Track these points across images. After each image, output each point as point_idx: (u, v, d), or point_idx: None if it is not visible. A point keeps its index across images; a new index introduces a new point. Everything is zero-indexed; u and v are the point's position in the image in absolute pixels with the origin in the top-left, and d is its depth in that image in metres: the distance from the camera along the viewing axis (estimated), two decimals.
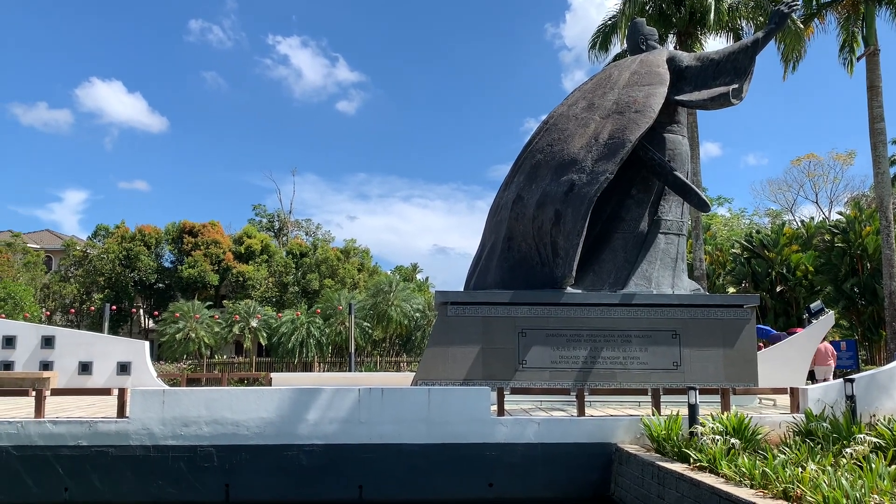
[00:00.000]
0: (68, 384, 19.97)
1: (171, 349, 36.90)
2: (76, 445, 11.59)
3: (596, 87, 16.95)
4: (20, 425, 11.63)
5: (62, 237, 53.36)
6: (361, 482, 11.84)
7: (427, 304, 40.53)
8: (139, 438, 11.68)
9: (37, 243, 49.14)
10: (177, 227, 47.50)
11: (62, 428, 11.67)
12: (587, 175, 15.05)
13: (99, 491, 11.54)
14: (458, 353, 15.01)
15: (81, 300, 43.48)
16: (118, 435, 11.67)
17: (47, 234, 55.45)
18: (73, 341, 21.13)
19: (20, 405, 14.32)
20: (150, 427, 11.73)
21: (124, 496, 11.53)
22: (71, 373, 20.60)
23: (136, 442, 11.67)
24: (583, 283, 15.69)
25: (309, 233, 61.25)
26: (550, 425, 12.15)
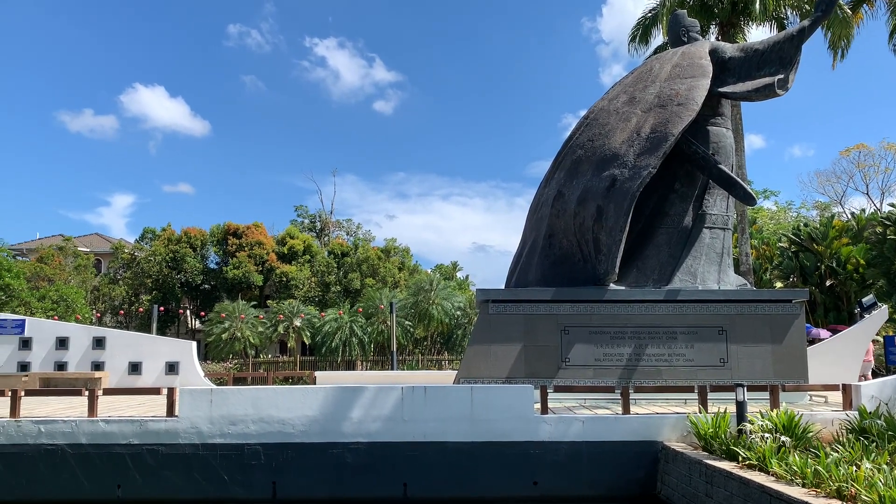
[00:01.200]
0: (119, 384, 20.49)
1: (217, 349, 37.54)
2: (127, 444, 11.87)
3: (637, 81, 16.73)
4: (74, 424, 11.95)
5: (111, 240, 54.67)
6: (406, 480, 11.89)
7: (468, 302, 40.52)
8: (188, 437, 11.90)
9: (87, 247, 50.43)
10: (221, 229, 48.30)
11: (114, 427, 11.96)
12: (629, 170, 14.88)
13: (150, 489, 11.80)
14: (500, 351, 14.98)
15: (130, 302, 44.49)
16: (168, 433, 11.91)
17: (96, 237, 56.88)
18: (123, 342, 21.66)
19: (73, 405, 14.70)
20: (198, 426, 11.95)
21: (174, 494, 11.77)
22: (121, 373, 21.12)
23: (185, 440, 11.90)
24: (626, 279, 15.52)
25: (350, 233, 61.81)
26: (595, 423, 12.05)
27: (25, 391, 12.96)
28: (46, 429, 11.92)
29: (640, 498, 11.69)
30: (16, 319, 22.02)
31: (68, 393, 15.16)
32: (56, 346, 21.43)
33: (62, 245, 45.80)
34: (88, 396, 12.41)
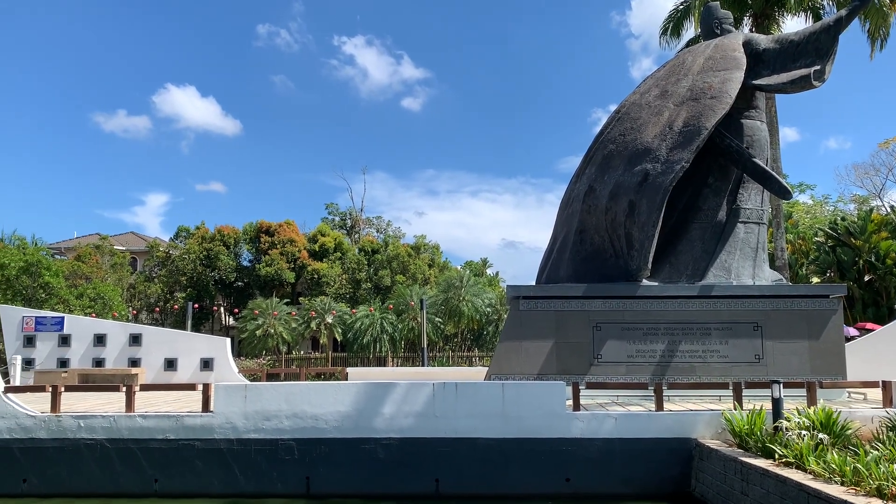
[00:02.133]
0: (155, 380, 20.83)
1: (250, 345, 37.95)
2: (164, 439, 12.07)
3: (669, 74, 16.55)
4: (113, 419, 12.18)
5: (146, 239, 55.55)
6: (438, 476, 11.93)
7: (498, 298, 40.47)
8: (223, 432, 12.07)
9: (122, 245, 51.29)
10: (254, 227, 48.78)
11: (151, 422, 12.16)
12: (662, 164, 14.73)
13: (186, 483, 11.99)
14: (532, 347, 14.94)
15: (165, 299, 45.15)
16: (203, 429, 12.09)
17: (132, 236, 57.82)
18: (159, 339, 22.02)
19: (111, 400, 14.97)
20: (233, 421, 12.10)
21: (210, 488, 11.94)
22: (157, 369, 21.48)
23: (221, 435, 12.06)
24: (659, 275, 15.38)
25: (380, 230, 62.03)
26: (628, 420, 11.97)
27: (65, 387, 13.23)
28: (86, 424, 12.17)
29: (675, 495, 11.58)
30: (55, 317, 22.51)
31: (106, 389, 15.43)
32: (94, 343, 21.85)
33: (99, 244, 46.65)
34: (126, 392, 12.63)
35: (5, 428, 12.20)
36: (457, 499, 11.80)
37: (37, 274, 34.72)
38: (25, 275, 34.73)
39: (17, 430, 12.20)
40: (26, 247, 38.51)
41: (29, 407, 12.52)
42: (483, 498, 11.79)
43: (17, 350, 21.72)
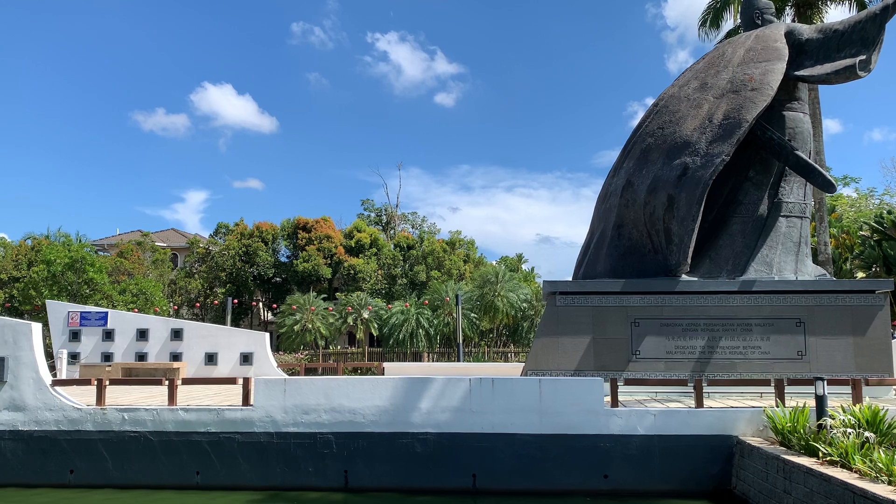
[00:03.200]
0: (196, 374, 21.16)
1: (289, 340, 38.42)
2: (206, 432, 12.27)
3: (708, 67, 16.28)
4: (156, 412, 12.42)
5: (186, 235, 56.51)
6: (475, 471, 11.94)
7: (534, 294, 40.31)
8: (263, 425, 12.23)
9: (163, 242, 52.26)
10: (291, 224, 49.32)
11: (193, 415, 12.37)
12: (701, 158, 14.52)
13: (227, 476, 12.17)
14: (568, 343, 14.85)
15: (205, 294, 45.90)
16: (244, 422, 12.26)
17: (173, 232, 58.85)
18: (200, 333, 22.36)
19: (154, 394, 15.27)
20: (272, 414, 12.25)
21: (250, 481, 12.11)
22: (198, 363, 21.82)
23: (260, 429, 12.22)
24: (699, 270, 15.17)
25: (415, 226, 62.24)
26: (667, 417, 11.84)
27: (109, 381, 13.52)
28: (130, 416, 12.43)
29: (715, 493, 11.43)
30: (99, 312, 23.00)
31: (149, 382, 15.73)
32: (137, 338, 22.29)
33: (140, 240, 47.61)
34: (168, 386, 12.86)
35: (53, 420, 12.52)
36: (494, 494, 11.79)
37: (81, 270, 35.56)
38: (70, 271, 35.60)
39: (64, 423, 12.51)
40: (71, 244, 39.47)
41: (75, 400, 12.83)
42: (520, 493, 11.76)
43: (63, 344, 22.25)
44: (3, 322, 12.95)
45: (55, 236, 43.48)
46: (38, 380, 12.67)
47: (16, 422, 12.53)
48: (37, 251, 40.71)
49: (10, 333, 12.75)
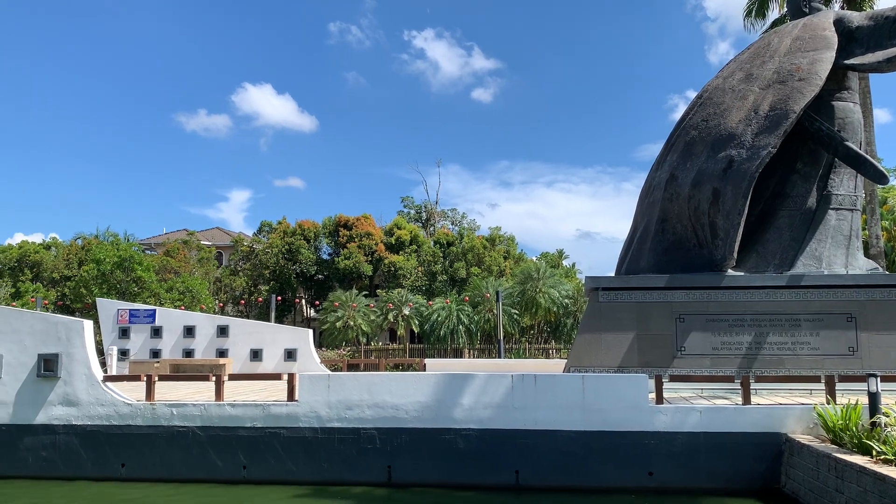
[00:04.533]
0: (241, 370, 21.52)
1: (331, 336, 38.78)
2: (252, 427, 12.47)
3: (754, 57, 15.96)
4: (203, 407, 12.66)
5: (231, 234, 57.42)
6: (518, 467, 11.91)
7: (575, 290, 40.01)
8: (308, 420, 12.38)
9: (209, 240, 53.18)
10: (333, 221, 49.76)
11: (239, 410, 12.58)
12: (747, 150, 14.24)
13: (273, 470, 12.35)
14: (612, 339, 14.72)
15: (250, 292, 46.59)
16: (289, 417, 12.43)
17: (217, 231, 59.85)
18: (245, 330, 22.74)
19: (201, 389, 15.56)
20: (317, 410, 12.40)
21: (295, 475, 12.27)
22: (243, 359, 22.19)
23: (305, 424, 12.37)
24: (745, 264, 14.89)
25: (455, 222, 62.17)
26: (714, 414, 11.66)
27: (158, 376, 13.82)
28: (178, 412, 12.69)
29: (764, 492, 11.22)
30: (147, 310, 23.53)
31: (196, 378, 16.02)
32: (184, 335, 22.75)
33: (186, 239, 48.54)
34: (215, 382, 13.09)
35: (105, 415, 12.85)
36: (537, 490, 11.76)
37: (130, 269, 36.43)
38: (119, 269, 36.48)
39: (115, 417, 12.83)
40: (120, 243, 40.45)
41: (126, 395, 13.14)
42: (564, 490, 11.70)
43: (113, 341, 22.83)
44: (56, 320, 13.33)
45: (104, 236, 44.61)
46: (90, 376, 13.00)
47: (70, 416, 12.88)
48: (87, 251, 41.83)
49: (64, 331, 13.11)
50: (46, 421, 12.90)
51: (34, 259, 42.79)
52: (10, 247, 44.23)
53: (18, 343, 13.09)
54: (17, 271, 42.24)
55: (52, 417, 12.90)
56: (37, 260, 42.77)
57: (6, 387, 13.03)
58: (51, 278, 42.00)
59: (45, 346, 13.05)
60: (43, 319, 13.33)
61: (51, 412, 12.92)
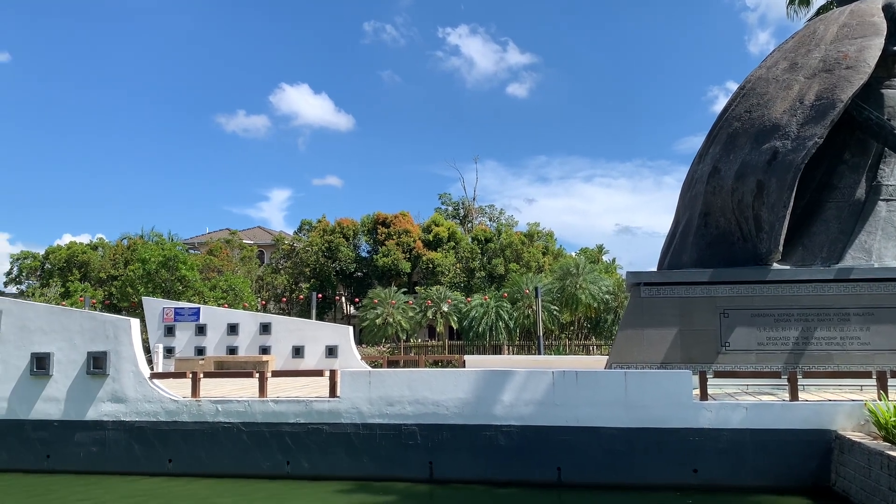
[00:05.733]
0: (284, 366, 21.81)
1: (371, 333, 39.03)
2: (295, 423, 12.60)
3: (798, 46, 15.59)
4: (247, 404, 12.84)
5: (272, 232, 58.15)
6: (559, 464, 11.85)
7: (616, 285, 39.62)
8: (349, 416, 12.47)
9: (250, 239, 53.90)
10: (371, 219, 50.06)
11: (283, 407, 12.73)
12: (792, 141, 13.93)
13: (315, 466, 12.48)
14: (654, 335, 14.53)
15: (291, 290, 47.14)
16: (331, 413, 12.54)
17: (259, 230, 60.67)
18: (287, 327, 23.03)
19: (245, 386, 15.77)
20: (358, 406, 12.48)
21: (338, 471, 12.37)
22: (286, 356, 22.47)
23: (347, 420, 12.47)
24: (791, 258, 14.57)
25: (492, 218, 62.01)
26: (760, 410, 11.45)
27: (203, 373, 14.05)
28: (223, 408, 12.89)
29: (813, 490, 10.97)
30: (192, 308, 23.97)
31: (240, 375, 16.25)
32: (227, 332, 23.13)
33: (229, 238, 49.28)
34: (259, 378, 13.27)
35: (152, 411, 13.11)
36: (580, 487, 11.68)
37: (174, 268, 37.10)
38: (164, 269, 37.18)
39: (162, 414, 13.08)
40: (164, 243, 41.24)
41: (172, 392, 13.39)
42: (607, 487, 11.60)
43: (159, 339, 23.31)
44: (104, 318, 13.64)
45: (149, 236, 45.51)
46: (137, 373, 13.28)
47: (118, 413, 13.18)
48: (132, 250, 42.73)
49: (112, 329, 13.41)
50: (96, 417, 13.21)
51: (82, 259, 43.89)
52: (58, 247, 45.42)
53: (69, 341, 13.43)
54: (66, 271, 43.37)
55: (101, 413, 13.21)
56: (84, 260, 43.86)
57: (57, 384, 13.39)
58: (98, 278, 43.03)
59: (94, 345, 13.36)
60: (91, 318, 13.65)
61: (100, 408, 13.23)
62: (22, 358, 13.48)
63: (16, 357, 13.50)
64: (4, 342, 13.55)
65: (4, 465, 13.31)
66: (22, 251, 47.03)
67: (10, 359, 13.51)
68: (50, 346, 13.44)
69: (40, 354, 13.40)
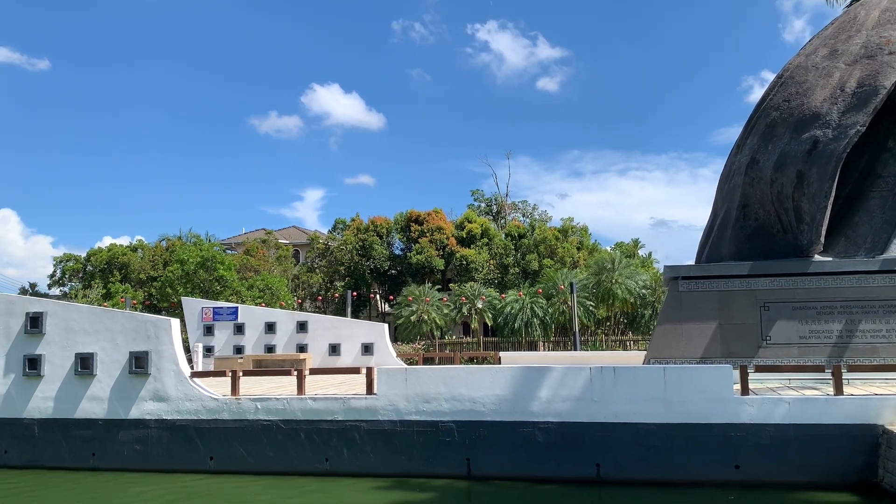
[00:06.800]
0: (320, 364, 21.98)
1: (406, 331, 39.19)
2: (333, 420, 12.69)
3: (838, 32, 15.24)
4: (286, 402, 12.96)
5: (306, 232, 58.66)
6: (598, 460, 11.76)
7: (653, 280, 39.19)
8: (386, 413, 12.52)
9: (286, 239, 54.44)
10: (404, 217, 50.24)
11: (320, 404, 12.82)
12: (833, 130, 13.62)
13: (354, 463, 12.55)
14: (693, 329, 14.34)
15: (326, 288, 47.54)
16: (368, 410, 12.60)
17: (294, 229, 61.24)
18: (323, 325, 23.21)
19: (283, 384, 15.94)
20: (395, 403, 12.52)
21: (376, 468, 12.42)
22: (322, 354, 22.65)
23: (384, 417, 12.52)
24: (833, 249, 14.26)
25: (526, 214, 61.80)
26: (803, 405, 11.22)
27: (242, 372, 14.22)
28: (262, 406, 13.03)
29: (860, 486, 10.72)
30: (230, 307, 24.29)
31: (278, 373, 16.41)
32: (265, 331, 23.40)
33: (265, 238, 49.86)
34: (297, 376, 13.38)
35: (193, 409, 13.31)
36: (619, 484, 11.57)
37: (212, 268, 37.67)
38: (202, 269, 37.77)
39: (203, 412, 13.27)
40: (202, 244, 41.89)
41: (212, 390, 13.57)
42: (647, 484, 11.48)
43: (199, 338, 23.66)
44: (145, 319, 13.87)
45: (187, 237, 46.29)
46: (178, 372, 13.48)
47: (160, 411, 13.40)
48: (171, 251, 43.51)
49: (153, 329, 13.63)
50: (139, 416, 13.45)
51: (122, 261, 44.77)
52: (99, 250, 46.40)
53: (111, 341, 13.69)
54: (107, 273, 44.29)
55: (143, 412, 13.45)
56: (125, 262, 44.74)
57: (101, 383, 13.65)
58: (138, 279, 43.87)
59: (136, 344, 13.60)
60: (133, 318, 13.90)
61: (142, 407, 13.47)
62: (67, 358, 13.78)
63: (61, 357, 13.81)
64: (50, 343, 13.87)
65: (52, 462, 13.63)
66: (64, 254, 48.21)
67: (55, 359, 13.83)
68: (93, 347, 13.72)
69: (84, 354, 13.69)
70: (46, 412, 13.75)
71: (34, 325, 13.85)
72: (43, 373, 13.78)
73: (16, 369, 13.88)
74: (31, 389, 13.82)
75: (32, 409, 13.78)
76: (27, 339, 13.90)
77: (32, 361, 13.81)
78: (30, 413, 13.78)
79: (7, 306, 14.08)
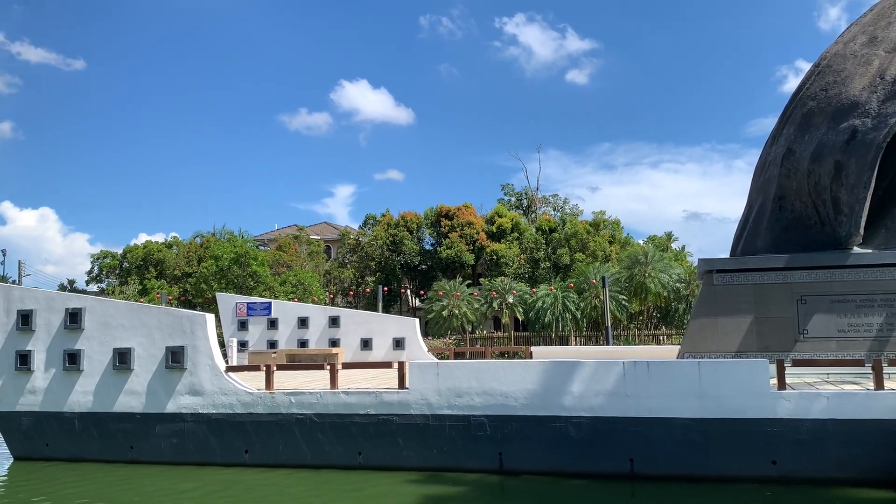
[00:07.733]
0: (352, 358, 22.10)
1: (436, 325, 39.27)
2: (366, 414, 12.77)
3: (878, 19, 14.88)
4: (319, 395, 13.07)
5: (337, 227, 59.03)
6: (632, 455, 11.67)
7: (687, 273, 38.74)
8: (418, 408, 12.55)
9: (317, 235, 54.87)
10: (434, 212, 50.29)
11: (353, 398, 12.91)
12: (872, 119, 13.31)
13: (387, 456, 12.62)
14: (728, 323, 14.15)
15: (357, 283, 47.83)
16: (400, 404, 12.65)
17: (325, 225, 61.67)
18: (355, 320, 23.33)
19: (316, 378, 16.05)
20: (427, 397, 12.55)
21: (409, 462, 12.48)
22: (354, 348, 22.77)
23: (416, 411, 12.56)
24: (873, 241, 13.95)
25: (556, 208, 61.44)
26: (842, 400, 11.01)
27: (276, 366, 14.36)
28: (296, 400, 13.15)
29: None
30: (264, 302, 24.54)
31: (311, 367, 16.54)
32: (298, 326, 23.58)
33: (297, 234, 50.33)
34: (330, 370, 13.48)
35: (228, 403, 13.48)
36: (653, 479, 11.48)
37: (245, 264, 38.12)
38: (236, 265, 38.24)
39: (238, 406, 13.44)
40: (235, 240, 42.39)
41: (247, 384, 13.73)
42: (681, 479, 11.37)
43: (233, 333, 23.94)
44: (181, 314, 14.08)
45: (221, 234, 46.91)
46: (213, 366, 13.66)
47: (196, 405, 13.60)
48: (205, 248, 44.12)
49: (188, 324, 13.83)
50: (175, 410, 13.67)
51: (158, 257, 45.52)
52: (135, 247, 47.22)
53: (148, 337, 13.92)
54: (143, 269, 45.06)
55: (180, 406, 13.66)
56: (160, 258, 45.48)
57: (138, 378, 13.90)
58: (173, 275, 44.56)
59: (172, 339, 13.81)
60: (169, 314, 14.11)
61: (179, 401, 13.67)
62: (105, 353, 14.04)
63: (99, 353, 14.08)
64: (88, 338, 14.15)
65: (92, 455, 13.92)
66: (101, 251, 49.14)
67: (93, 354, 14.10)
68: (130, 342, 13.96)
69: (122, 350, 13.94)
70: (86, 406, 14.03)
71: (73, 320, 14.14)
72: (82, 367, 14.06)
73: (56, 364, 14.19)
74: (70, 384, 14.12)
75: (73, 402, 14.07)
76: (67, 334, 14.18)
77: (72, 356, 14.11)
78: (70, 407, 14.07)
79: (47, 302, 14.39)
